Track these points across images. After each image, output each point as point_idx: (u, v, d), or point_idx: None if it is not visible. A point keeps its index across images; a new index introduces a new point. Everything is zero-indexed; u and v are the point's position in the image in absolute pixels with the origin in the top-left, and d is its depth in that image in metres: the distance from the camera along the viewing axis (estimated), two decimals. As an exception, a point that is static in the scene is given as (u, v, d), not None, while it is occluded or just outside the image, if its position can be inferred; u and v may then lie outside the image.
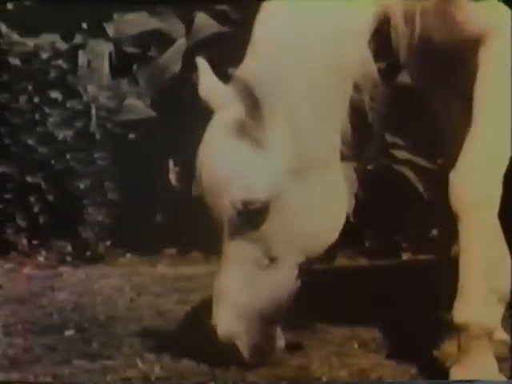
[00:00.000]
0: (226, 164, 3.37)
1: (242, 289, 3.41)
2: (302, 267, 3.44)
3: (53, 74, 5.55)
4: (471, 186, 3.36)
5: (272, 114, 3.33)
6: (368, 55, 3.50)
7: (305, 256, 3.43)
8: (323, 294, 4.03)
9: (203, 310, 3.79)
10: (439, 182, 3.53)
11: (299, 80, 3.39)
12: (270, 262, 3.37)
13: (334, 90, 3.45)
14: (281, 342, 3.51)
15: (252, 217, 3.35)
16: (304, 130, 3.41)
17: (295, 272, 3.44)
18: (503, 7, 3.55)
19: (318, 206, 3.47)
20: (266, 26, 3.46)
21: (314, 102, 3.44)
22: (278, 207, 3.35)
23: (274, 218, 3.35)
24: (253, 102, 3.32)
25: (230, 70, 3.91)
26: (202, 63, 3.55)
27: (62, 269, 5.42)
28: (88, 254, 5.50)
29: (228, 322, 3.35)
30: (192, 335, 3.81)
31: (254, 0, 3.65)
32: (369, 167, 5.46)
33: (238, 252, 3.39)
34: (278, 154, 3.35)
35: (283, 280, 3.43)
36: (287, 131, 3.37)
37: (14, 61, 5.64)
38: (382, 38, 3.55)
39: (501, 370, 3.23)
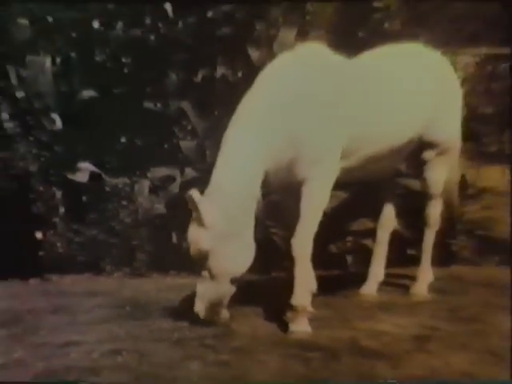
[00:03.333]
0: (193, 236, 3.48)
1: (203, 291, 3.52)
2: (232, 280, 3.54)
3: (123, 193, 5.29)
4: (298, 246, 3.58)
5: (213, 216, 3.41)
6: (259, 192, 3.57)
7: (230, 277, 3.53)
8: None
9: (188, 300, 3.92)
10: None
11: (231, 207, 3.44)
12: (213, 278, 3.51)
13: (248, 210, 3.54)
14: (226, 314, 3.61)
15: (203, 258, 3.47)
16: (230, 222, 3.45)
17: (228, 282, 3.54)
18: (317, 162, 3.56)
19: (237, 253, 3.52)
20: (217, 177, 3.47)
21: (236, 211, 3.47)
22: (214, 254, 3.46)
23: (213, 258, 3.47)
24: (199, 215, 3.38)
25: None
26: (195, 193, 3.46)
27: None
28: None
29: (197, 304, 3.51)
30: (182, 307, 3.97)
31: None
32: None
33: (201, 274, 3.53)
34: (214, 230, 3.41)
35: (223, 286, 3.54)
36: (221, 222, 3.42)
37: (107, 188, 5.25)
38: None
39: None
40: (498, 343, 3.38)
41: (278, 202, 4.20)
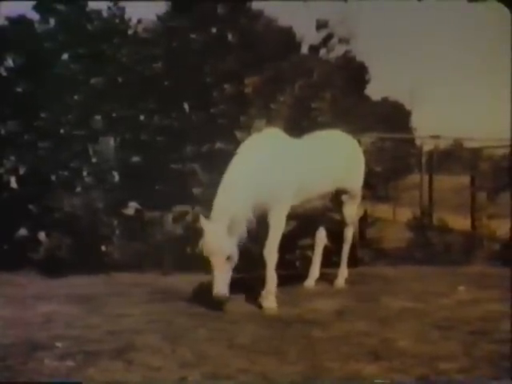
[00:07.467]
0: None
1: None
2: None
3: (156, 221, 4.93)
4: (268, 255, 3.40)
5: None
6: None
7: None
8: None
9: (196, 289, 3.85)
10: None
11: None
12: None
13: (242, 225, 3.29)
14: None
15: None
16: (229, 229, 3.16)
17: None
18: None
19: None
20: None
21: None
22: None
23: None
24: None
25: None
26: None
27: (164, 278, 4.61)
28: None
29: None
30: (194, 293, 3.80)
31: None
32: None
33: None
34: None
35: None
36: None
37: (146, 218, 4.98)
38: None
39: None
40: (387, 313, 3.47)
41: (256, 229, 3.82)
